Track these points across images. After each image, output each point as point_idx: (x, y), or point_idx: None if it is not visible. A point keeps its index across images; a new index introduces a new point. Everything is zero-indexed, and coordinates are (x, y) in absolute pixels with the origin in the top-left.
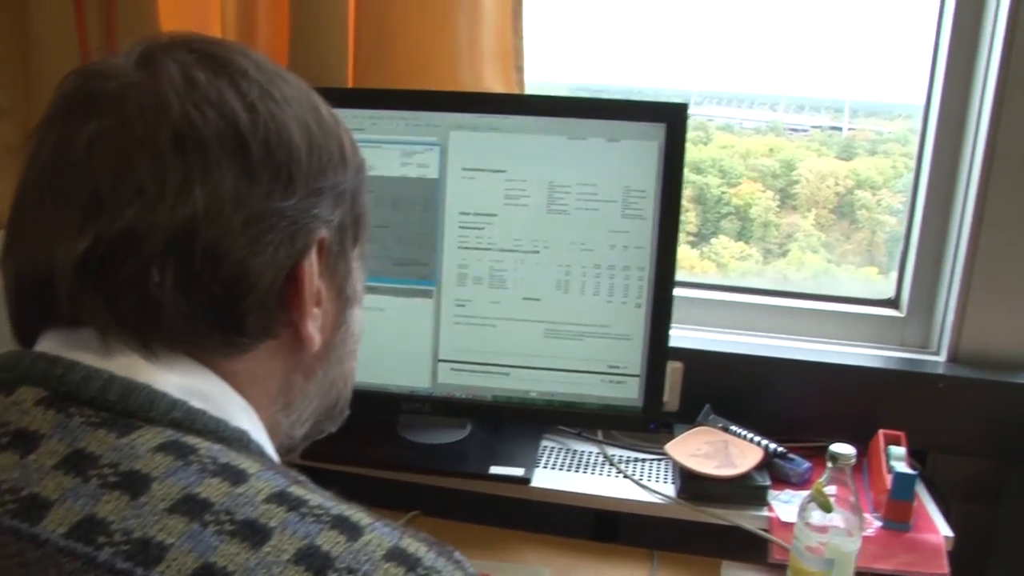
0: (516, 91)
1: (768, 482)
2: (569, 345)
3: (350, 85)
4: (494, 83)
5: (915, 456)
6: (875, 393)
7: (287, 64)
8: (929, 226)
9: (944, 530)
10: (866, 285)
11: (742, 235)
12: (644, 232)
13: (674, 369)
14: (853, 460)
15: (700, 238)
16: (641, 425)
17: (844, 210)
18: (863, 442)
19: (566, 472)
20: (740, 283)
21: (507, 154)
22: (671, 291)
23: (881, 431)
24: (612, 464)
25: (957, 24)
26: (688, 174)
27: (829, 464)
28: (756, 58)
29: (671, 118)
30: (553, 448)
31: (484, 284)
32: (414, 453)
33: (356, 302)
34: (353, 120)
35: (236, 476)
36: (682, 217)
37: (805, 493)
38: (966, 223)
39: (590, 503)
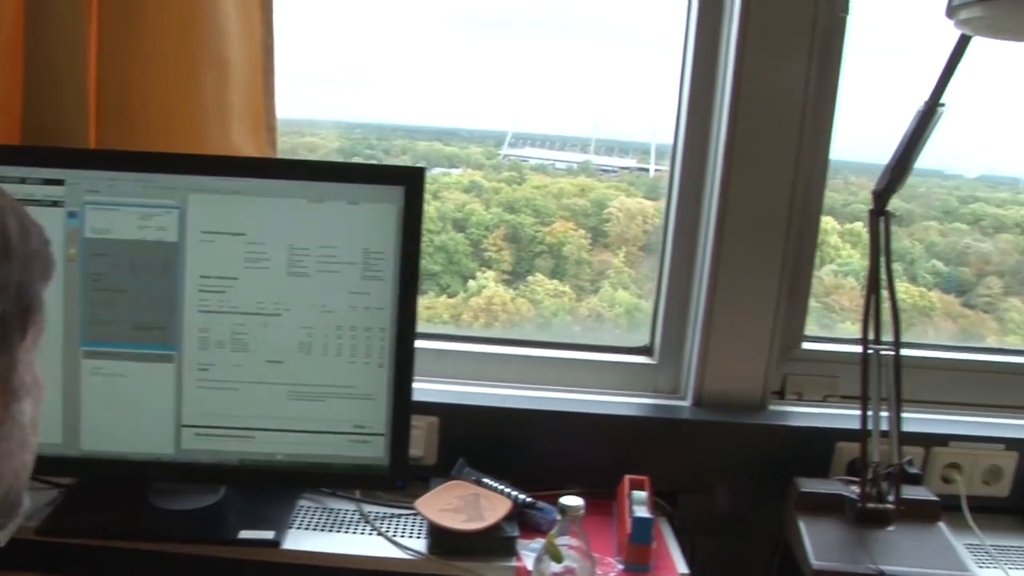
0: (268, 151)
1: (516, 532)
2: (313, 406)
3: (93, 144)
4: (244, 143)
5: (666, 497)
6: (625, 439)
7: (20, 122)
8: (676, 273)
9: (682, 568)
10: None
11: (556, 273)
12: (384, 293)
13: (429, 424)
14: (582, 511)
15: (515, 276)
16: (388, 483)
17: (652, 247)
18: (615, 487)
19: (321, 532)
20: (504, 334)
21: (247, 217)
22: (412, 350)
23: (627, 476)
24: (367, 522)
25: (695, 70)
26: (502, 213)
27: (559, 517)
28: (567, 101)
29: (409, 181)
30: (311, 508)
31: (226, 347)
32: (161, 521)
33: (25, 395)
34: (89, 182)
35: None
36: (496, 256)
37: None
38: (706, 269)
39: (341, 563)
